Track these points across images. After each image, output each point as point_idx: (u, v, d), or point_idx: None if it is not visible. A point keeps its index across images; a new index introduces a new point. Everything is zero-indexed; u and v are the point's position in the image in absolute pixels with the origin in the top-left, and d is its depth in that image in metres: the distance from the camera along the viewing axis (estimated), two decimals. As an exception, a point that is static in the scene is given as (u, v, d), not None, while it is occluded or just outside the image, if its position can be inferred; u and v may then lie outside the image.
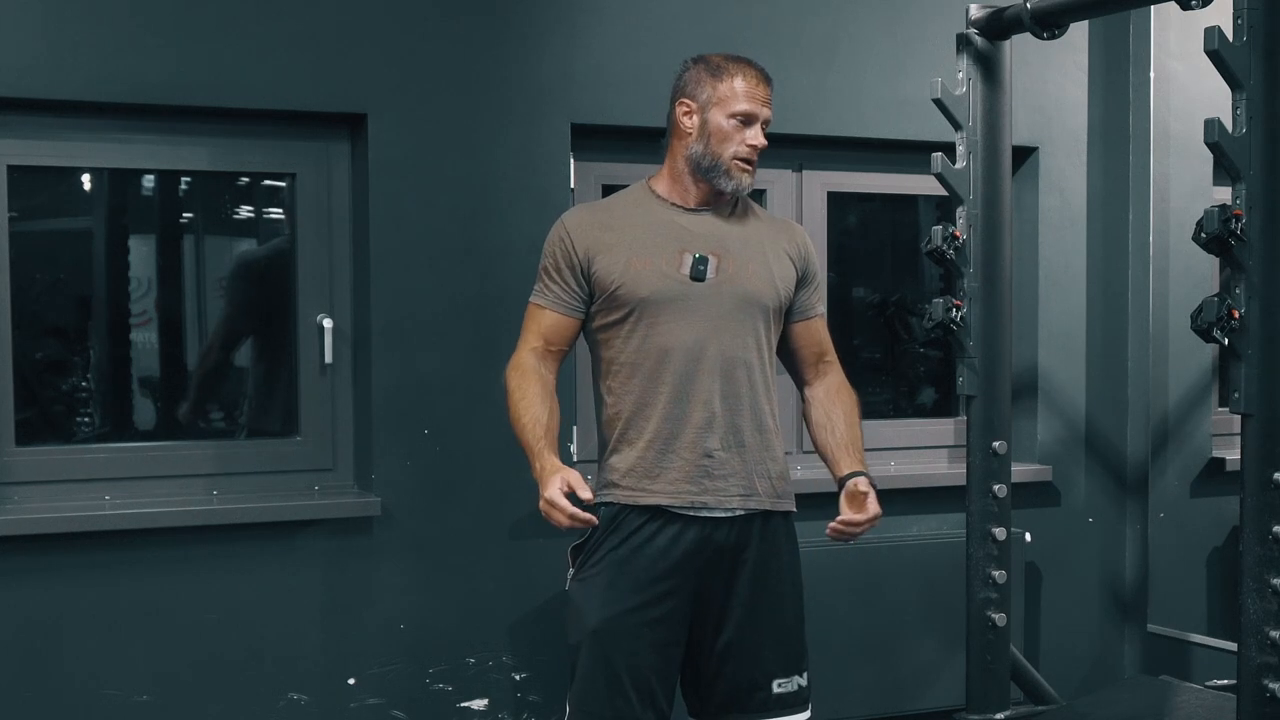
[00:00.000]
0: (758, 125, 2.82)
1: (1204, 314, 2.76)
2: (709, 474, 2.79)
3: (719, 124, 2.81)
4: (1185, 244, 3.04)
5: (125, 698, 3.35)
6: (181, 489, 3.50)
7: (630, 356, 2.81)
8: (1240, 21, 2.71)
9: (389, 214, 3.55)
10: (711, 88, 2.83)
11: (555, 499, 2.63)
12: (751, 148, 2.81)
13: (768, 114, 2.84)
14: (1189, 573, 4.28)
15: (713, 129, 2.81)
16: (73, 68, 3.28)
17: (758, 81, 2.83)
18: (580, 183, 3.80)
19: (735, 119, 2.80)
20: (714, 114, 2.81)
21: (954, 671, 3.79)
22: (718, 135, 2.81)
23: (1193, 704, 3.54)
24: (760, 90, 2.82)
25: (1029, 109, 4.12)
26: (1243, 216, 2.71)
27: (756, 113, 2.81)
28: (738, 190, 2.83)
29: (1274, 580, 2.73)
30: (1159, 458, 4.27)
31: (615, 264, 2.80)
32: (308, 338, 3.61)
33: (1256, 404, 2.74)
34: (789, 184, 4.09)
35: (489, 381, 3.52)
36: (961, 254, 3.47)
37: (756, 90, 2.82)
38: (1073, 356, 4.31)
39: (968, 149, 3.46)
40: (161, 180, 3.70)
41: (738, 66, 2.84)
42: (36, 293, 3.52)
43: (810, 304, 2.96)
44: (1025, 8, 3.32)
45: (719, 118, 2.81)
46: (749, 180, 2.83)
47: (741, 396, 2.81)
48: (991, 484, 3.49)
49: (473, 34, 3.60)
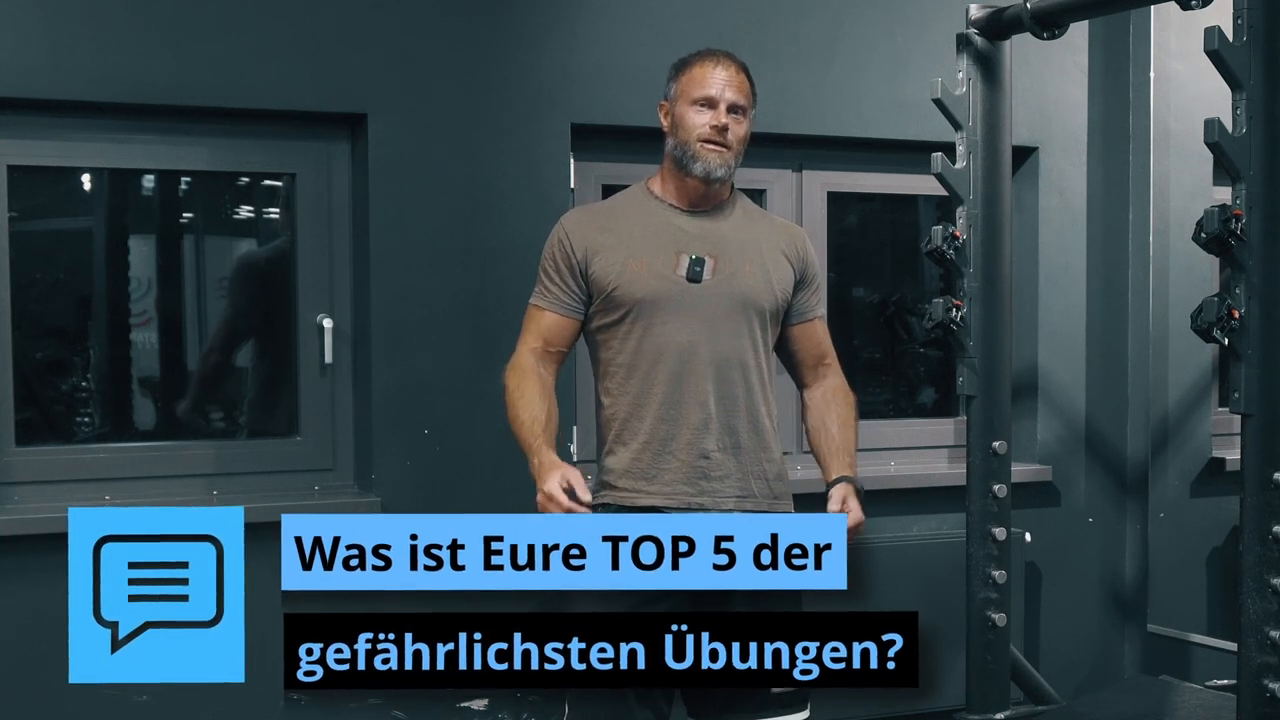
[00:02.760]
0: (721, 107, 2.79)
1: (1204, 314, 2.76)
2: (705, 475, 2.78)
3: (683, 113, 2.81)
4: (1185, 244, 3.04)
5: (125, 697, 3.35)
6: (181, 489, 3.50)
7: (627, 358, 2.81)
8: (1240, 21, 2.71)
9: (389, 214, 3.55)
10: (676, 82, 2.84)
11: (554, 493, 2.62)
12: (714, 128, 2.78)
13: (732, 96, 2.80)
14: (1189, 573, 4.28)
15: (678, 120, 2.82)
16: (73, 68, 3.28)
17: (715, 65, 2.81)
18: (580, 183, 3.80)
19: (696, 105, 2.79)
20: (679, 106, 2.82)
21: (954, 671, 3.79)
22: (683, 124, 2.81)
23: (1193, 704, 3.54)
24: (719, 73, 2.80)
25: (1029, 109, 4.12)
26: (1243, 216, 2.71)
27: (717, 95, 2.78)
28: (708, 174, 2.79)
29: (1274, 580, 2.73)
30: (1159, 458, 4.27)
31: (612, 265, 2.80)
32: (308, 338, 3.61)
33: (1256, 404, 2.74)
34: (789, 184, 4.09)
35: (489, 381, 3.51)
36: (961, 254, 3.47)
37: (714, 74, 2.80)
38: (1073, 356, 4.31)
39: (968, 149, 3.46)
40: (161, 180, 3.70)
41: (698, 57, 2.84)
42: (36, 293, 3.52)
43: (809, 306, 2.96)
44: (1025, 8, 3.32)
45: (683, 108, 2.81)
46: (718, 161, 2.79)
47: (737, 398, 2.81)
48: (991, 484, 3.49)
49: (473, 34, 3.60)
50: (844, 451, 2.89)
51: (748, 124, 2.84)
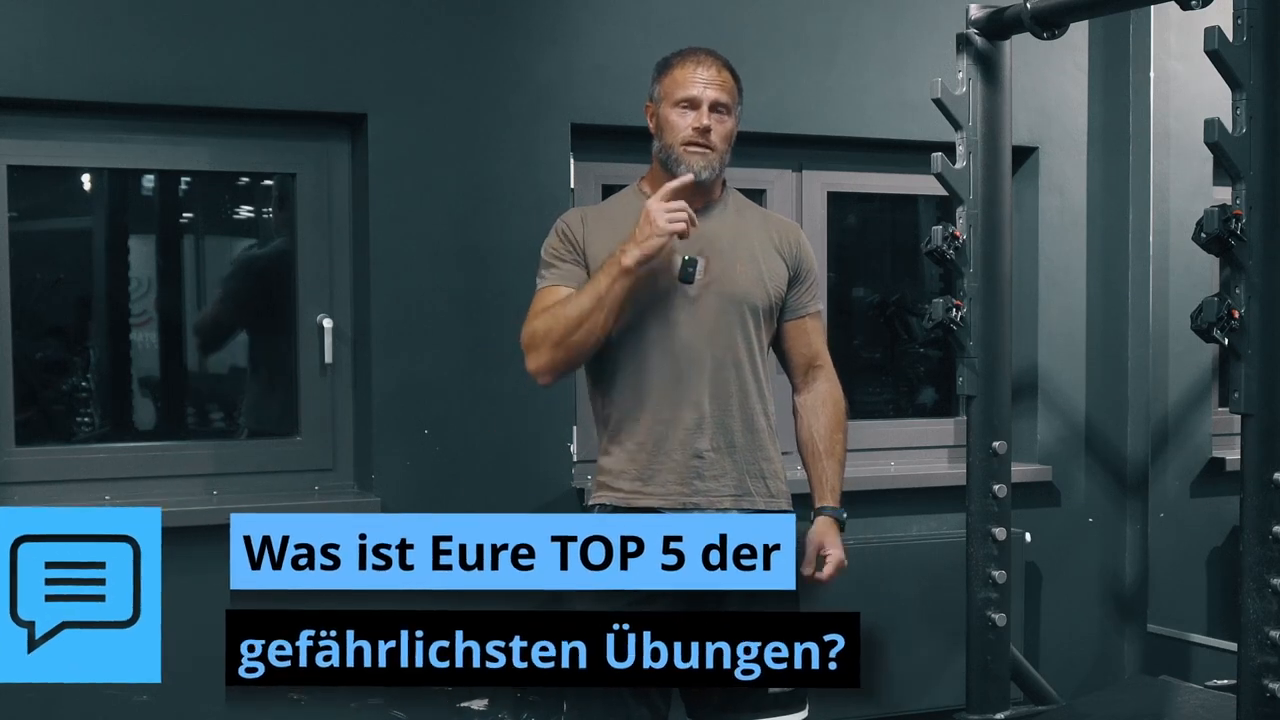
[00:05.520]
0: (704, 107, 2.78)
1: (1204, 314, 2.76)
2: (700, 475, 2.78)
3: (666, 115, 2.81)
4: (1185, 244, 3.04)
5: (125, 697, 3.35)
6: (181, 489, 3.50)
7: (621, 359, 2.80)
8: (1240, 21, 2.71)
9: (389, 214, 3.55)
10: (659, 84, 2.84)
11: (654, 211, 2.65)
12: (696, 130, 2.77)
13: (714, 95, 2.78)
14: (1189, 573, 4.28)
15: (663, 122, 2.82)
16: (73, 68, 3.28)
17: (696, 65, 2.80)
18: (580, 183, 3.80)
19: (679, 106, 2.79)
20: (663, 108, 2.82)
21: (954, 671, 3.79)
22: (667, 127, 2.80)
23: (1193, 704, 3.54)
24: (701, 73, 2.79)
25: (1029, 109, 4.12)
26: (1243, 216, 2.71)
27: (699, 95, 2.77)
28: (693, 176, 2.78)
29: (1274, 580, 2.73)
30: (1159, 458, 4.27)
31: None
32: (308, 338, 3.61)
33: (1256, 404, 2.74)
34: (789, 184, 4.09)
35: (489, 381, 3.53)
36: (961, 254, 3.47)
37: (697, 74, 2.79)
38: (1073, 356, 4.31)
39: (968, 149, 3.46)
40: (161, 180, 3.70)
41: (680, 57, 2.83)
42: (36, 293, 3.52)
43: (803, 303, 2.95)
44: (1025, 8, 3.32)
45: (666, 110, 2.81)
46: (702, 163, 2.78)
47: (731, 397, 2.80)
48: (991, 484, 3.49)
49: (473, 34, 3.60)
50: (830, 476, 2.90)
51: (733, 121, 2.83)
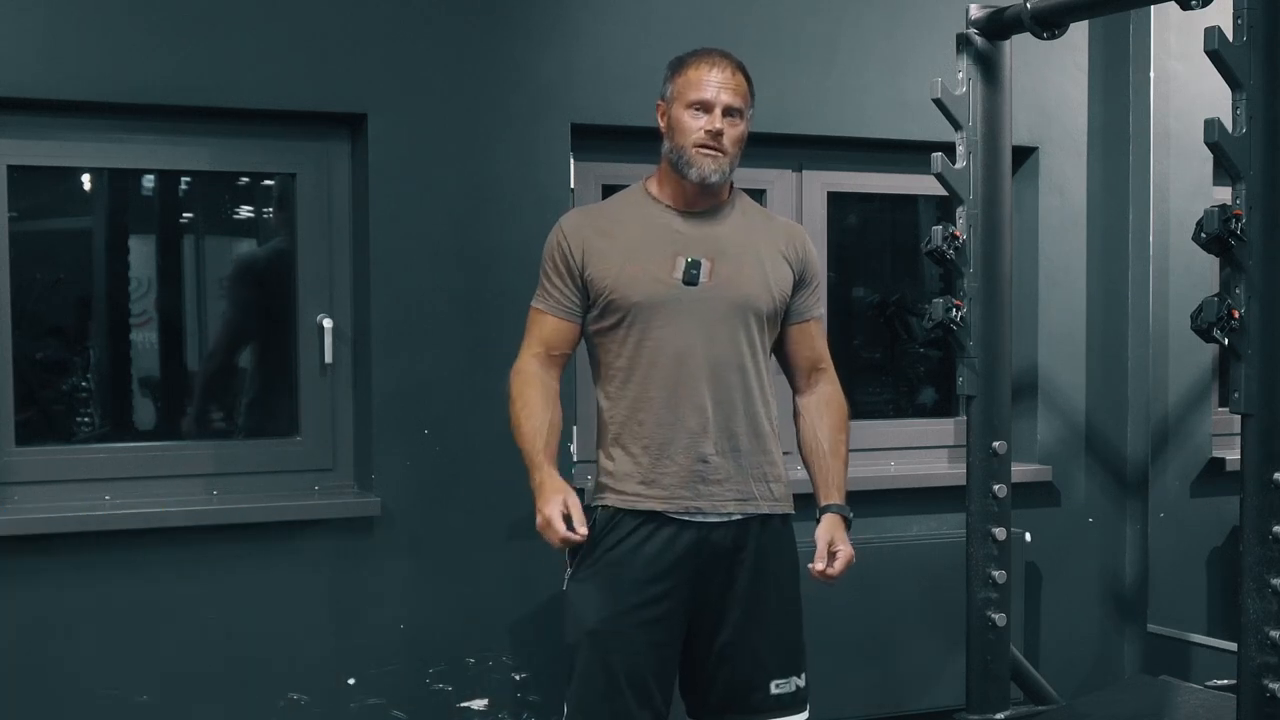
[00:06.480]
0: (716, 111, 2.77)
1: (1204, 314, 2.76)
2: (704, 479, 2.78)
3: (678, 116, 2.80)
4: (1185, 244, 3.03)
5: (125, 698, 3.35)
6: (181, 489, 3.50)
7: (625, 362, 2.80)
8: (1240, 21, 2.71)
9: (389, 214, 3.55)
10: (672, 83, 2.83)
11: (554, 519, 2.64)
12: (709, 133, 2.76)
13: (728, 99, 2.77)
14: (1189, 573, 4.27)
15: (674, 123, 2.81)
16: (73, 68, 3.28)
17: (711, 67, 2.79)
18: (580, 183, 3.80)
19: (692, 108, 2.78)
20: (675, 108, 2.81)
21: (954, 671, 3.79)
22: (679, 128, 2.79)
23: (1193, 704, 3.54)
24: (716, 75, 2.78)
25: (1029, 109, 4.12)
26: (1243, 216, 2.71)
27: (712, 99, 2.77)
28: (703, 178, 2.78)
29: (1274, 580, 2.72)
30: (1159, 458, 4.27)
31: (609, 269, 2.79)
32: (308, 338, 3.61)
33: (1256, 404, 2.74)
34: (789, 184, 4.09)
35: (489, 381, 3.52)
36: (961, 254, 3.47)
37: (711, 76, 2.78)
38: (1073, 356, 4.31)
39: (968, 149, 3.46)
40: (161, 180, 3.70)
41: (695, 57, 2.82)
42: (36, 293, 3.52)
43: (806, 307, 2.95)
44: (1025, 8, 3.32)
45: (679, 111, 2.80)
46: (713, 166, 2.77)
47: (735, 400, 2.80)
48: (991, 484, 3.49)
49: (473, 34, 3.60)
50: (835, 474, 2.92)
51: (744, 125, 2.83)
